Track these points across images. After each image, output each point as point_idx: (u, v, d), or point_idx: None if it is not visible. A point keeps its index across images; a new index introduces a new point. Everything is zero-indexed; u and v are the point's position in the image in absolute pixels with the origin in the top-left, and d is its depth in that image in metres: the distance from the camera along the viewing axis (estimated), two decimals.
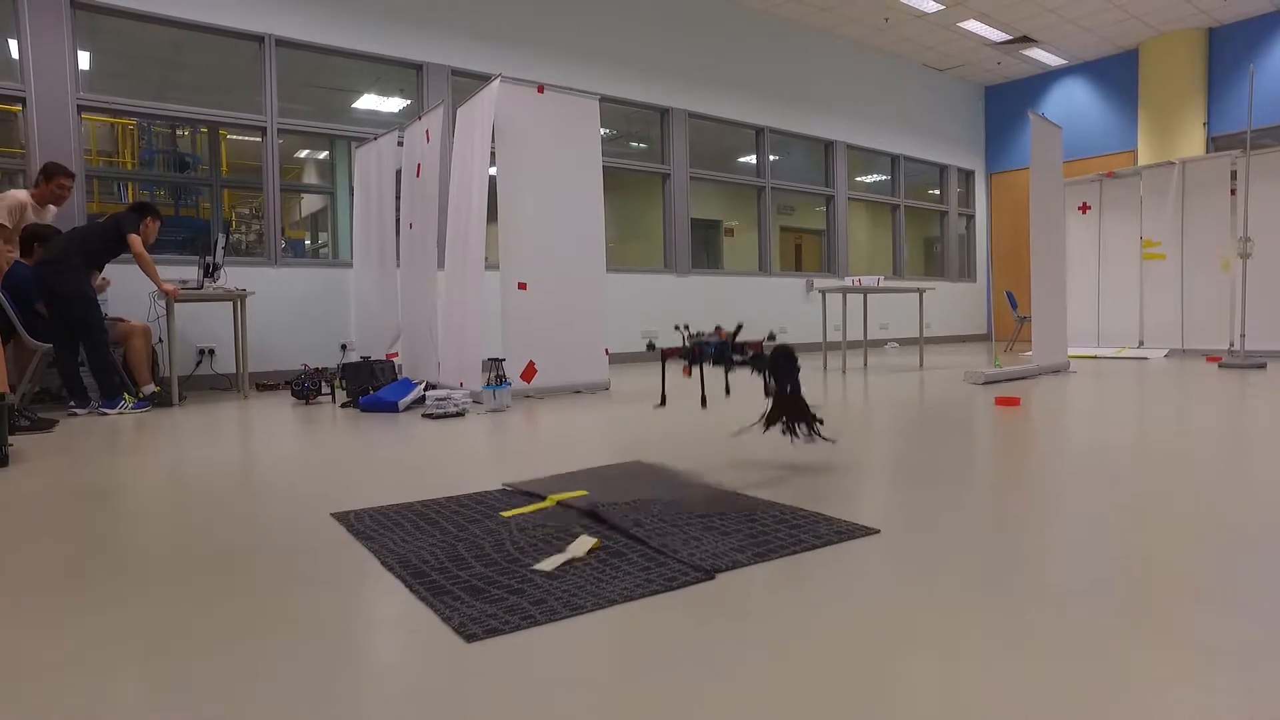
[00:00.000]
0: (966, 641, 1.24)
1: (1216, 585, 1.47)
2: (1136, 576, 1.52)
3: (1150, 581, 1.49)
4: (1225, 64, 10.75)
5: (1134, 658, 1.17)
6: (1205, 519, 1.92)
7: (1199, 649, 1.19)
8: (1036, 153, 6.14)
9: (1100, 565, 1.59)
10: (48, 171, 5.09)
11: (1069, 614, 1.34)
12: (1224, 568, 1.56)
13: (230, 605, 1.49)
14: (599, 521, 1.99)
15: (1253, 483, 2.30)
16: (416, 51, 7.24)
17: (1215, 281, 8.31)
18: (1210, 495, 2.16)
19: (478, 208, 4.97)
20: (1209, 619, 1.31)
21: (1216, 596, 1.41)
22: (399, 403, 4.48)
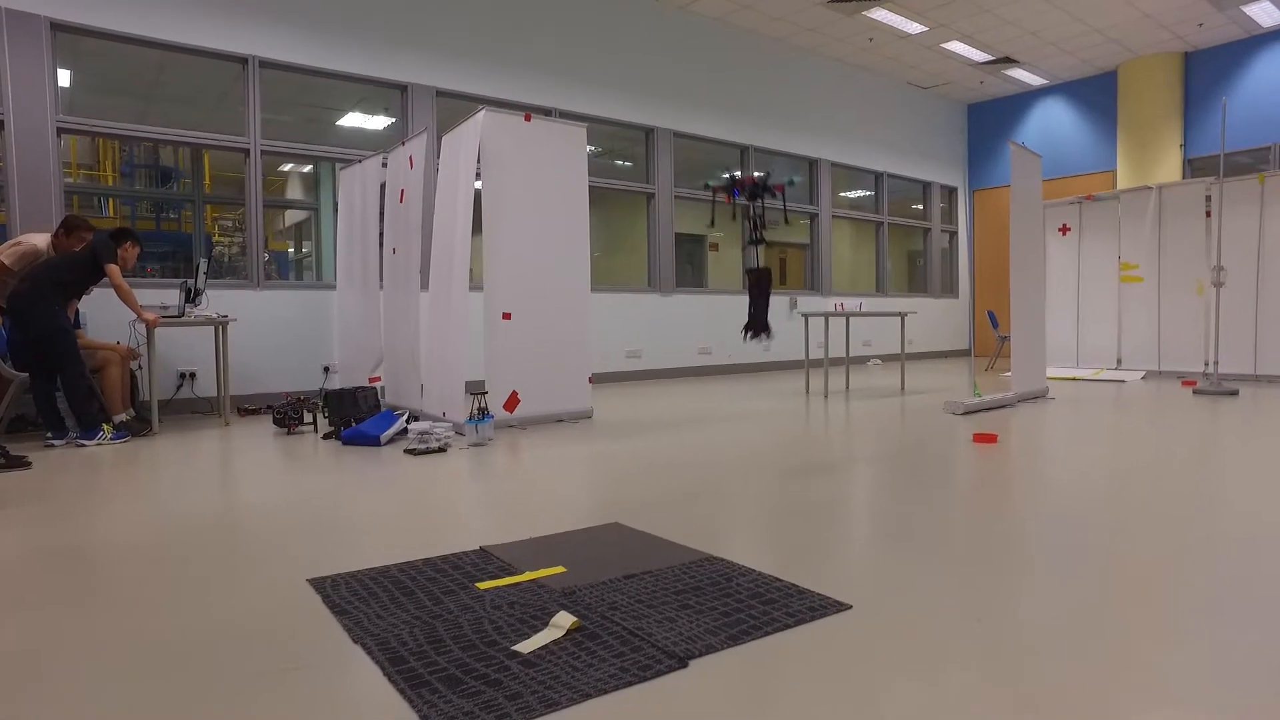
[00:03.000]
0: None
1: (1200, 666, 1.50)
2: (1113, 651, 1.56)
3: (1128, 666, 1.53)
4: (1201, 88, 10.92)
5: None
6: (1183, 586, 1.96)
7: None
8: (1016, 181, 6.22)
9: (1077, 644, 1.63)
10: (69, 225, 5.05)
11: (1042, 702, 1.37)
12: (1205, 647, 1.60)
13: (188, 713, 1.50)
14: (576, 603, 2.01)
15: (1228, 544, 2.35)
16: (401, 72, 7.23)
17: (1190, 305, 8.44)
18: (1188, 555, 2.20)
19: (462, 236, 4.98)
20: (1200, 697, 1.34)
21: (1203, 681, 1.45)
22: (380, 437, 4.48)
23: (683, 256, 11.02)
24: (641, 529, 2.65)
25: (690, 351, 9.34)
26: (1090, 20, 9.74)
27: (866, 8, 9.23)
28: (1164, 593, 1.97)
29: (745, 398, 6.87)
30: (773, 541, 2.48)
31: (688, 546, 2.43)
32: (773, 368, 10.23)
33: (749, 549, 2.40)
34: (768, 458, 3.97)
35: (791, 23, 9.73)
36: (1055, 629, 1.75)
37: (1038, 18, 9.64)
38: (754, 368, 10.03)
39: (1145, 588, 2.00)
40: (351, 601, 1.99)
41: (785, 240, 12.89)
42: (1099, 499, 2.98)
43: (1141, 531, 2.53)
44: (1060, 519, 2.70)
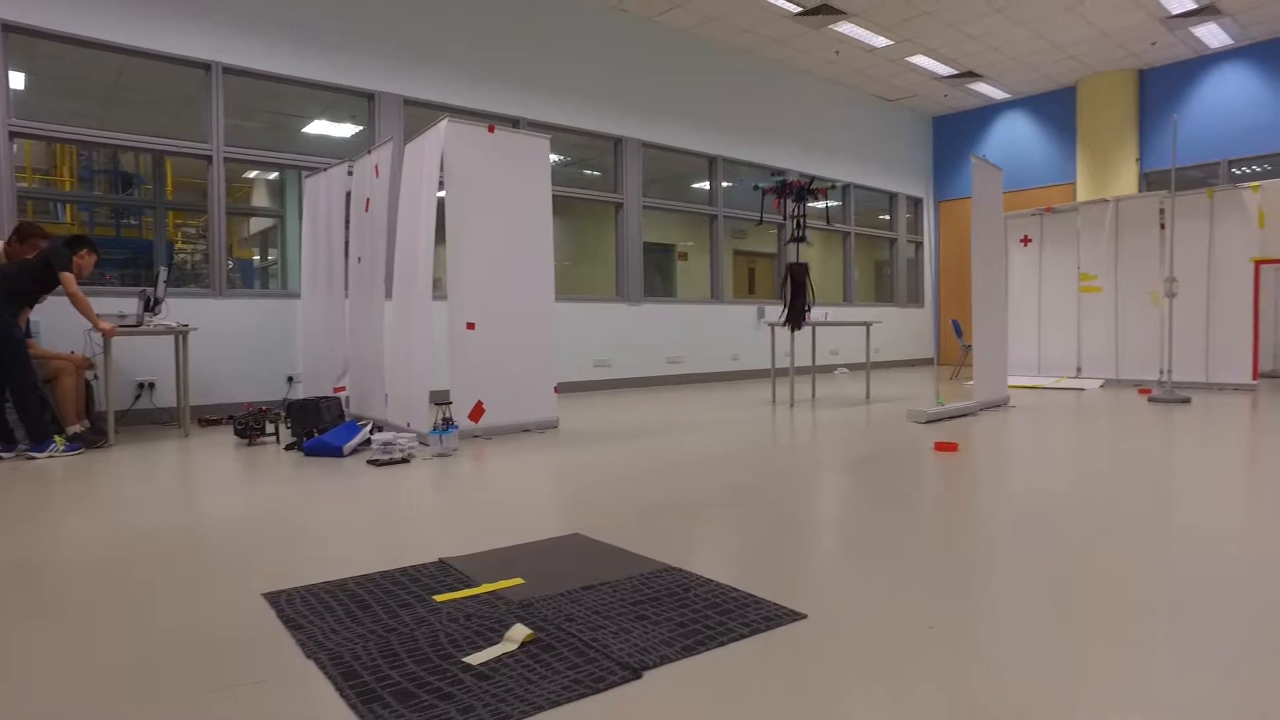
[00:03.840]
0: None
1: (1153, 671, 1.54)
2: (1066, 657, 1.59)
3: (1082, 679, 1.56)
4: (1155, 104, 11.22)
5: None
6: (1137, 590, 2.00)
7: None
8: (978, 194, 6.33)
9: (1030, 650, 1.66)
10: (22, 232, 4.94)
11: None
12: (1157, 652, 1.64)
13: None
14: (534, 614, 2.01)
15: (1180, 549, 2.41)
16: (368, 80, 7.19)
17: (1146, 315, 8.64)
18: (1141, 560, 2.25)
19: (425, 245, 4.96)
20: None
21: (1156, 686, 1.48)
22: (343, 447, 4.44)
23: (652, 266, 11.07)
24: (602, 540, 2.66)
25: (659, 361, 9.37)
26: (1050, 37, 9.97)
27: (833, 21, 9.36)
28: (1118, 598, 2.01)
29: (712, 407, 6.91)
30: (732, 551, 2.50)
31: (647, 557, 2.44)
32: (741, 377, 10.29)
33: (708, 559, 2.42)
34: (731, 467, 3.99)
35: (759, 35, 9.84)
36: (1009, 635, 1.78)
37: (1000, 34, 9.85)
38: (723, 377, 10.09)
39: (1100, 593, 2.05)
40: (307, 615, 1.97)
41: (754, 250, 13.01)
42: (1055, 506, 3.04)
43: (1096, 538, 2.58)
44: (1017, 526, 2.75)
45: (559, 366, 8.34)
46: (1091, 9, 9.14)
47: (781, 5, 8.84)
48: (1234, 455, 4.15)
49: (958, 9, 9.08)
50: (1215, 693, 1.49)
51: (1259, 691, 1.50)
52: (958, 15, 9.27)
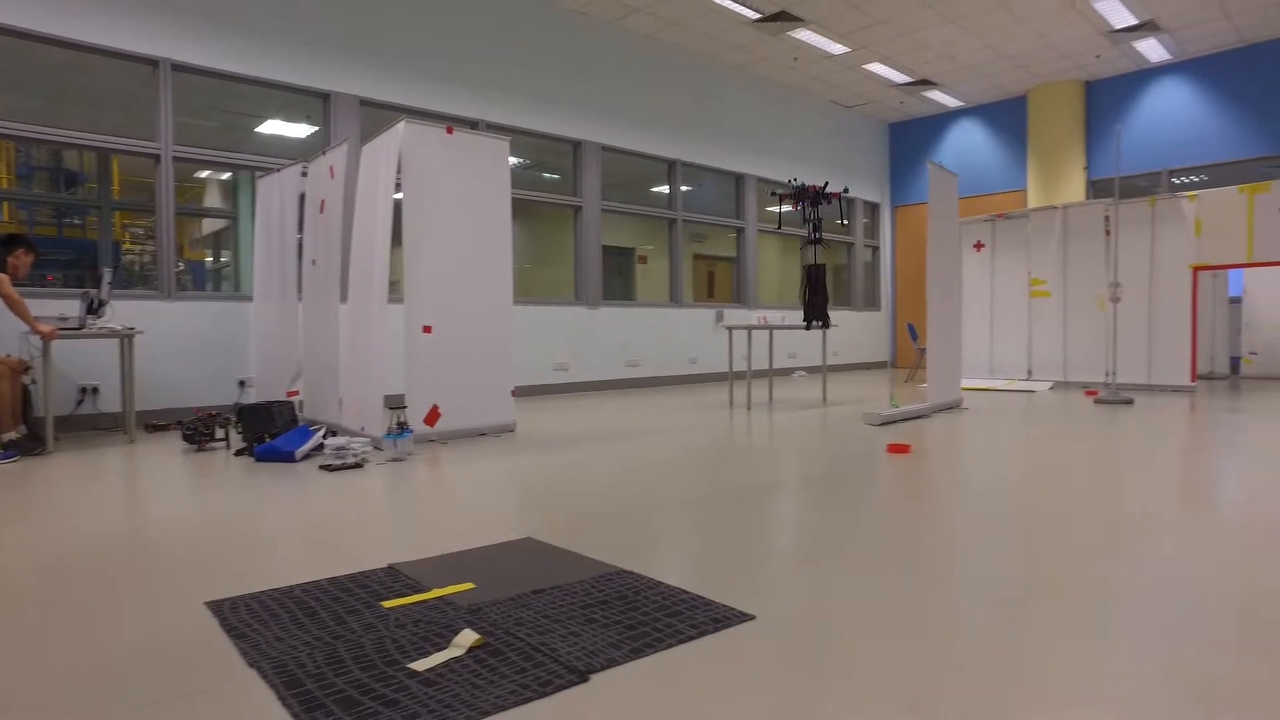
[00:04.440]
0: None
1: (1096, 666, 1.58)
2: (1011, 653, 1.63)
3: (1026, 686, 1.60)
4: (1101, 114, 11.55)
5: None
6: (1080, 587, 2.06)
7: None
8: (934, 200, 6.46)
9: (976, 647, 1.70)
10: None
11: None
12: (1100, 647, 1.69)
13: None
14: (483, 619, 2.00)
15: (1121, 546, 2.48)
16: (323, 80, 7.10)
17: (1093, 319, 8.89)
18: (1085, 558, 2.32)
19: (381, 248, 4.91)
20: None
21: (1099, 681, 1.53)
22: (295, 453, 4.37)
23: (611, 269, 11.08)
24: (556, 544, 2.66)
25: (617, 364, 9.38)
26: (1001, 48, 10.21)
27: (791, 28, 9.47)
28: (1064, 593, 2.07)
29: (670, 410, 6.94)
30: (685, 554, 2.52)
31: (599, 560, 2.44)
32: (700, 380, 10.35)
33: (660, 562, 2.43)
34: (686, 470, 4.02)
35: (719, 41, 9.91)
36: (958, 632, 1.82)
37: (953, 43, 10.05)
38: (681, 380, 10.13)
39: (1044, 590, 2.10)
40: (251, 624, 1.94)
41: (713, 254, 13.09)
42: (1002, 506, 3.12)
43: (1042, 536, 2.65)
44: (966, 526, 2.81)
45: (517, 370, 8.30)
46: (1040, 22, 9.38)
47: (740, 11, 8.92)
48: (1172, 455, 4.29)
49: (912, 18, 9.25)
50: (1161, 683, 1.55)
51: (1204, 680, 1.55)
52: (912, 24, 9.44)
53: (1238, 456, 4.23)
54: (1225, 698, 1.49)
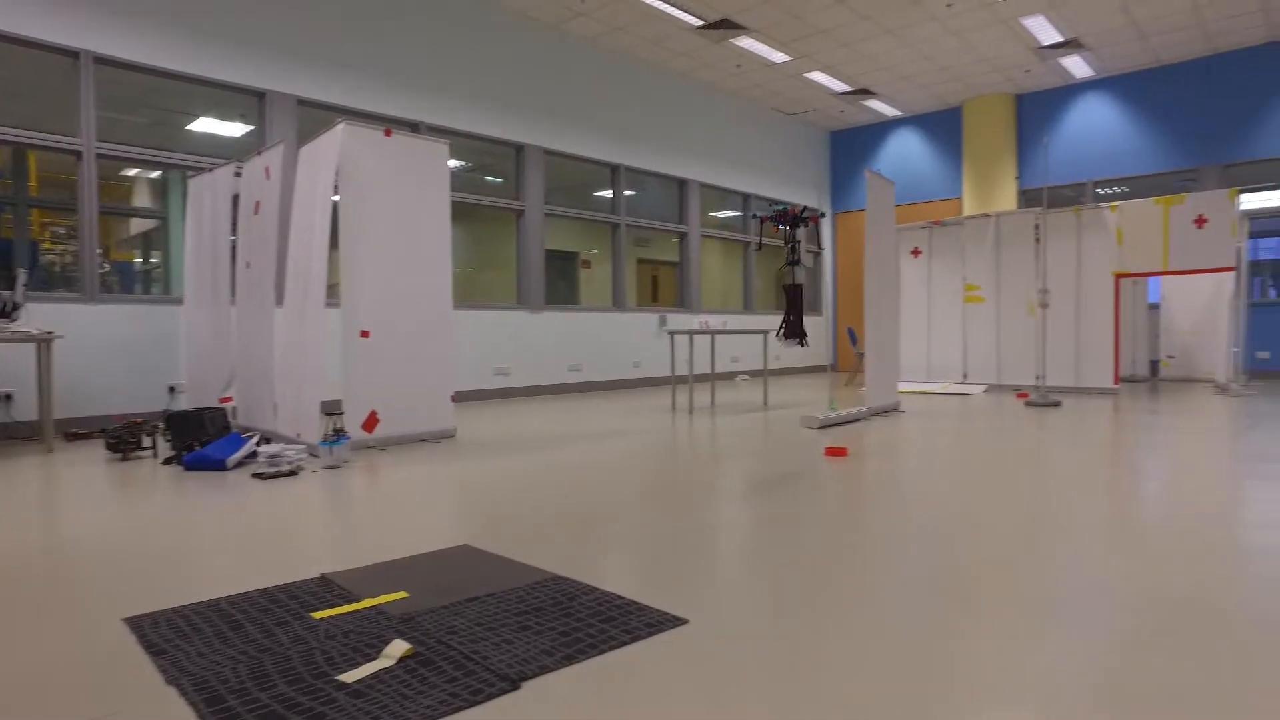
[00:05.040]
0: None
1: (1027, 666, 1.64)
2: (940, 666, 1.68)
3: (951, 680, 1.65)
4: (1031, 126, 11.98)
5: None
6: (1010, 587, 2.13)
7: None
8: (872, 207, 6.60)
9: (908, 649, 1.74)
10: None
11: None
12: (1032, 647, 1.75)
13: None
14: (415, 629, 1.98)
15: (1047, 545, 2.58)
16: (259, 78, 6.92)
17: (1024, 323, 9.19)
18: (1015, 558, 2.40)
19: (318, 251, 4.82)
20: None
21: (1031, 681, 1.58)
22: (227, 461, 4.25)
23: (555, 273, 11.05)
24: (493, 551, 2.64)
25: (560, 369, 9.35)
26: (936, 59, 10.50)
27: (734, 36, 9.59)
28: (990, 593, 2.14)
29: (612, 415, 6.95)
30: (621, 559, 2.53)
31: (535, 567, 2.44)
32: (643, 385, 10.39)
33: (596, 568, 2.44)
34: (625, 475, 4.03)
35: (663, 46, 9.98)
36: (891, 634, 1.87)
37: (890, 53, 10.30)
38: (624, 384, 10.15)
39: (974, 589, 2.17)
40: (172, 640, 1.88)
41: (657, 258, 13.15)
42: (936, 506, 3.20)
43: (971, 536, 2.73)
44: (900, 527, 2.88)
45: (458, 375, 8.22)
46: (973, 36, 9.68)
47: (684, 18, 9.00)
48: (1096, 455, 4.47)
49: (851, 29, 9.46)
50: (1085, 681, 1.61)
51: (1125, 678, 1.62)
52: (851, 35, 9.65)
53: (1156, 457, 4.42)
54: (1145, 692, 1.56)
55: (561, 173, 9.77)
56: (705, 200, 11.83)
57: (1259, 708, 1.48)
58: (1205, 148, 10.59)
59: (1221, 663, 1.67)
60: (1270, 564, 2.36)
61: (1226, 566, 2.34)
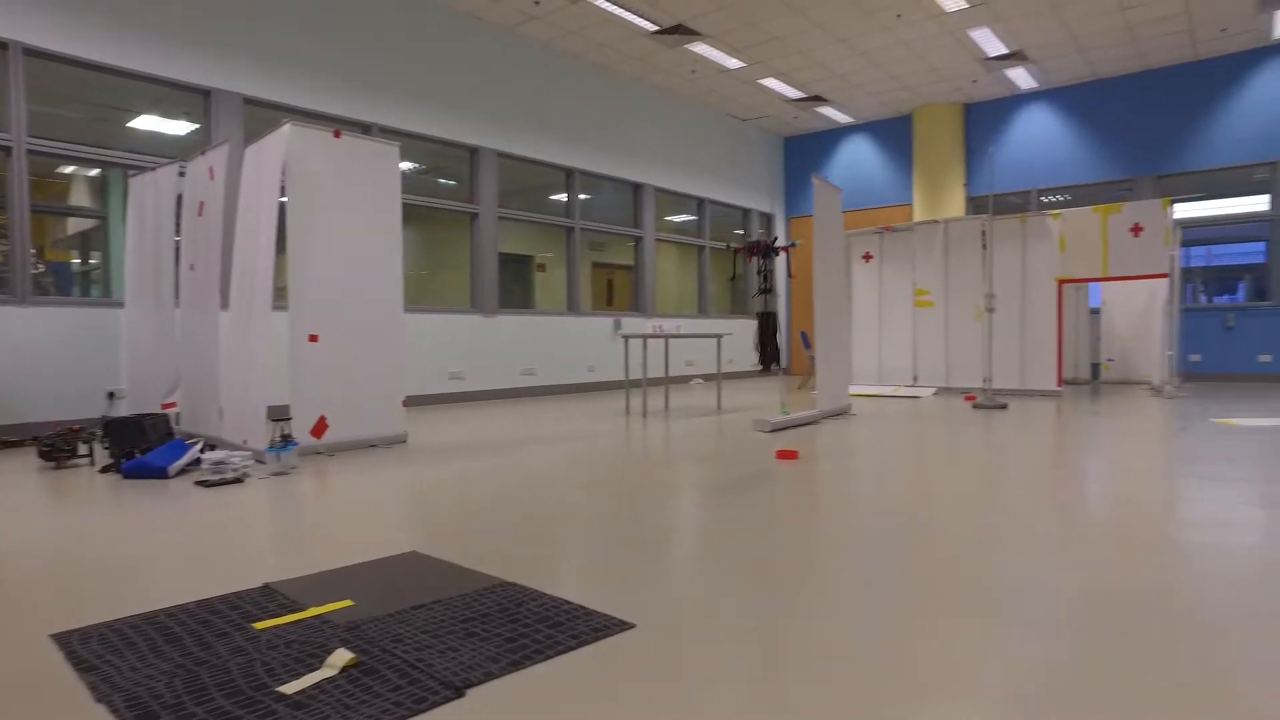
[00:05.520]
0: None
1: (972, 665, 1.67)
2: (888, 665, 1.71)
3: (897, 675, 1.68)
4: (978, 135, 12.28)
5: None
6: (956, 587, 2.18)
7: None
8: (819, 212, 6.70)
9: (854, 651, 1.77)
10: None
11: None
12: (977, 646, 1.79)
13: None
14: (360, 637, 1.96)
15: (993, 545, 2.64)
16: (204, 76, 6.77)
17: (971, 327, 9.40)
18: (962, 558, 2.45)
19: (265, 253, 4.72)
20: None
21: (975, 680, 1.61)
22: (169, 468, 4.14)
23: (509, 277, 10.99)
24: (441, 557, 2.62)
25: (514, 373, 9.30)
26: (887, 68, 10.70)
27: (688, 41, 9.65)
28: (942, 594, 2.18)
29: (566, 419, 6.94)
30: (570, 564, 2.53)
31: (483, 573, 2.43)
32: (597, 388, 10.38)
33: (545, 573, 2.43)
34: (578, 480, 4.03)
35: (618, 51, 10.00)
36: (837, 636, 1.89)
37: (843, 62, 10.47)
38: (579, 388, 10.14)
39: (922, 588, 2.22)
40: (103, 655, 1.83)
41: (612, 262, 13.17)
42: (883, 508, 3.26)
43: (919, 537, 2.79)
44: (848, 529, 2.93)
45: (410, 379, 8.13)
46: (922, 46, 9.89)
47: (638, 23, 9.03)
48: (1041, 457, 4.59)
49: (804, 37, 9.59)
50: (1033, 677, 1.66)
51: (1071, 674, 1.67)
52: (804, 43, 9.78)
53: (1097, 458, 4.56)
54: (1091, 685, 1.61)
55: (516, 176, 9.73)
56: (660, 204, 11.88)
57: (1199, 701, 1.54)
58: (1140, 159, 10.97)
59: (1162, 657, 1.73)
60: (1204, 561, 2.46)
61: (1164, 564, 2.43)
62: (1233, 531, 2.80)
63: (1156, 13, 8.98)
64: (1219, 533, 2.78)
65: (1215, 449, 4.73)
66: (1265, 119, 10.12)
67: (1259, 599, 2.09)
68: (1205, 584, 2.22)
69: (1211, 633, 1.86)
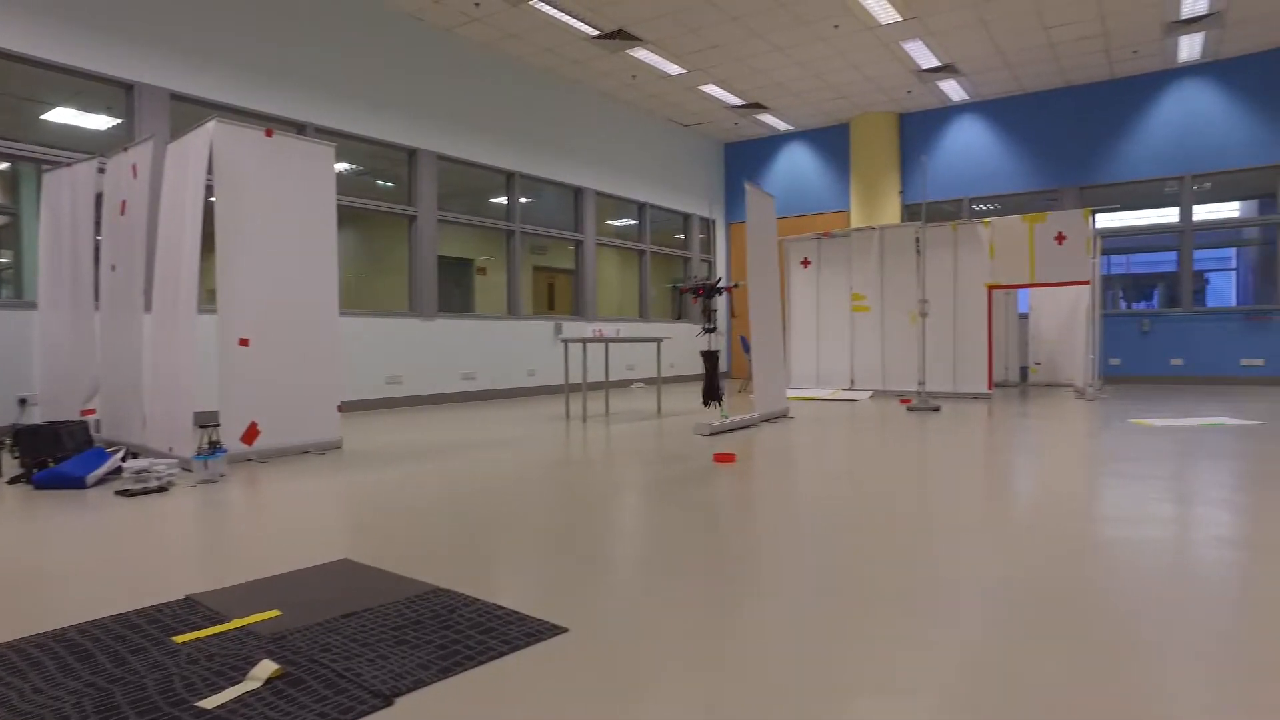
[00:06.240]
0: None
1: (901, 662, 1.71)
2: (817, 668, 1.73)
3: (830, 674, 1.71)
4: (913, 144, 12.62)
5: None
6: (889, 585, 2.22)
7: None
8: (752, 218, 6.79)
9: (786, 651, 1.79)
10: None
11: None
12: (906, 644, 1.82)
13: None
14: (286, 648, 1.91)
15: (923, 544, 2.70)
16: (127, 69, 6.52)
17: (906, 332, 9.65)
18: (893, 556, 2.51)
19: (190, 254, 4.57)
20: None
21: (902, 678, 1.64)
22: (86, 478, 3.97)
23: (450, 280, 10.86)
24: (374, 565, 2.57)
25: (454, 377, 9.19)
26: (825, 77, 10.91)
27: (629, 47, 9.69)
28: (874, 592, 2.23)
29: (505, 423, 6.88)
30: (505, 569, 2.51)
31: (416, 580, 2.39)
32: (538, 393, 10.33)
33: (480, 579, 2.41)
34: (514, 484, 4.00)
35: (559, 55, 9.98)
36: (769, 638, 1.92)
37: (782, 70, 10.64)
38: (519, 393, 10.07)
39: (859, 589, 2.26)
40: (3, 678, 1.74)
41: (553, 266, 13.12)
42: (818, 509, 3.32)
43: (852, 537, 2.84)
44: (781, 530, 2.97)
45: (347, 384, 7.96)
46: (857, 56, 10.12)
47: (580, 28, 9.03)
48: (971, 457, 4.73)
49: (743, 45, 9.72)
50: (963, 675, 1.70)
51: (999, 671, 1.72)
52: (744, 51, 9.92)
53: (1024, 458, 4.72)
54: (1017, 676, 1.66)
55: (456, 178, 9.62)
56: (601, 209, 11.89)
57: (1121, 693, 1.60)
58: (1064, 171, 11.43)
59: (1076, 643, 1.80)
60: (1117, 553, 2.57)
61: (1082, 557, 2.53)
62: (1145, 526, 2.93)
63: (1076, 33, 9.37)
64: (1132, 527, 2.91)
65: (1131, 448, 4.94)
66: (1173, 136, 10.65)
67: (1165, 589, 2.20)
68: (1118, 574, 2.32)
69: (1122, 619, 1.94)
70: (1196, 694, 1.57)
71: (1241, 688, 1.59)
